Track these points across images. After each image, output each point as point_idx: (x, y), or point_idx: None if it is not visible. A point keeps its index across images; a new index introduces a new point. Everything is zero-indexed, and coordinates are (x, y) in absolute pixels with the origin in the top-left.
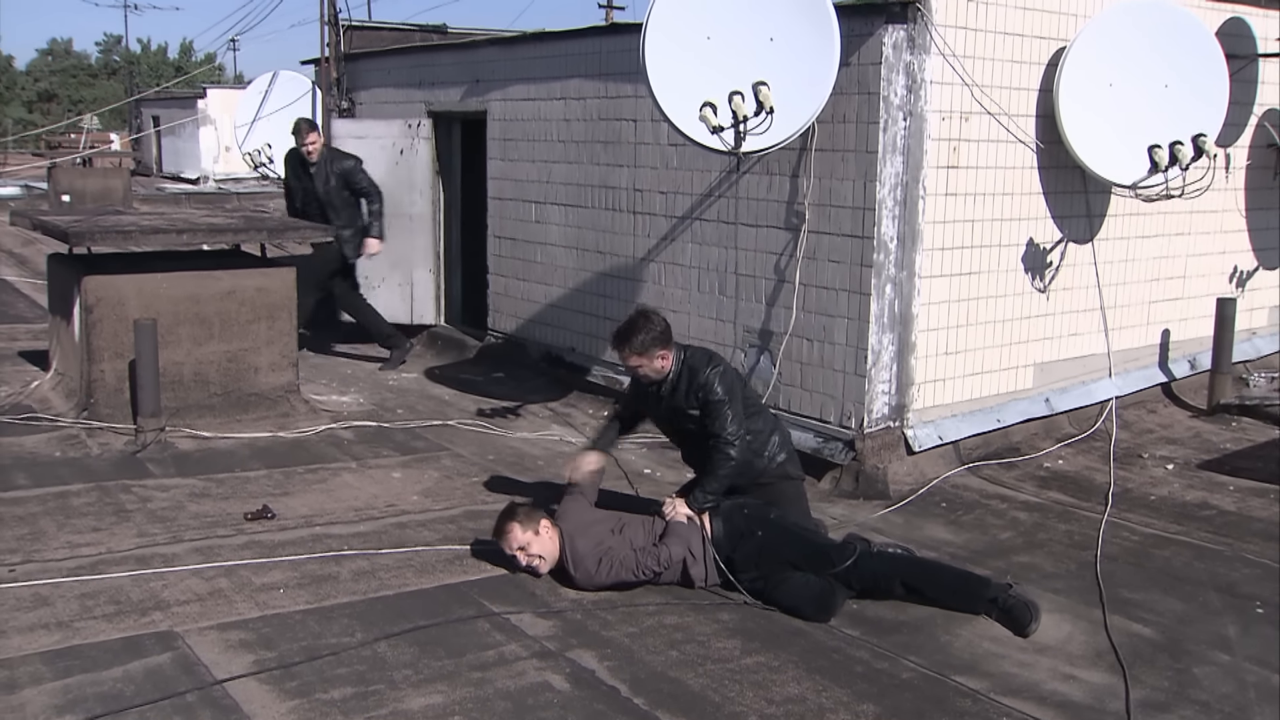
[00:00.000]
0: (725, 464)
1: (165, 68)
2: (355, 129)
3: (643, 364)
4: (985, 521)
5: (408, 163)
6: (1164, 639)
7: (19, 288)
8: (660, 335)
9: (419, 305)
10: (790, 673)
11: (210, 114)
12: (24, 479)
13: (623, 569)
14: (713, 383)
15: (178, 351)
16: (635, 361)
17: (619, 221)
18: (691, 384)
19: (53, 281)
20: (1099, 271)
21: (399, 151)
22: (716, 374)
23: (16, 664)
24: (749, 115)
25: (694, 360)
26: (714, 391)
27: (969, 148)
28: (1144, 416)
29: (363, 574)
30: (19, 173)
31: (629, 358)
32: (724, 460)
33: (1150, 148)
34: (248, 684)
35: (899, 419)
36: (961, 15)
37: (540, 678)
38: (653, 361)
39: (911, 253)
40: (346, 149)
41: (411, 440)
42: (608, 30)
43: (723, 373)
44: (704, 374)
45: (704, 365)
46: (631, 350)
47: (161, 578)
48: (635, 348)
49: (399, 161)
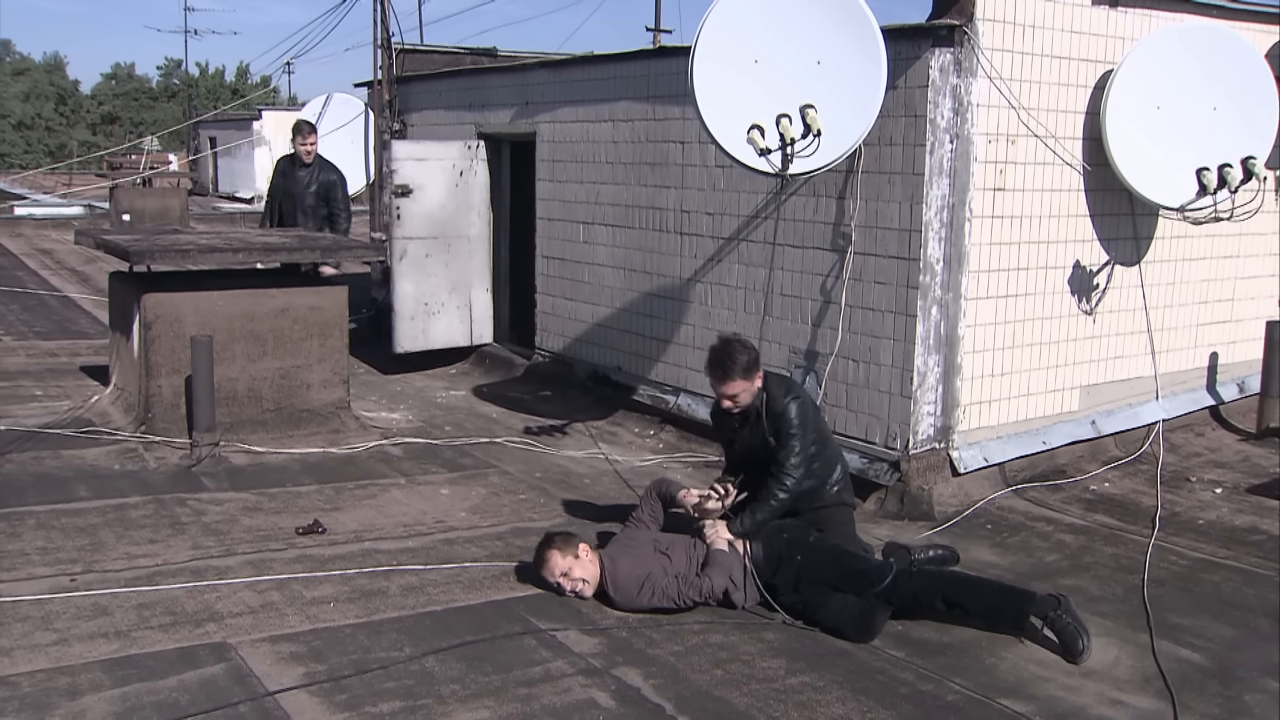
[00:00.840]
0: (780, 495)
1: (222, 90)
2: (415, 150)
3: (746, 389)
4: (1030, 544)
5: (467, 184)
6: (1214, 665)
7: (81, 304)
8: (756, 356)
9: (478, 326)
10: (835, 693)
11: (265, 135)
12: (85, 491)
13: (664, 597)
14: (790, 411)
15: (232, 368)
16: (739, 388)
17: (666, 242)
18: (769, 412)
19: (113, 298)
20: (1146, 294)
21: (459, 173)
22: (795, 402)
23: (78, 671)
24: (796, 138)
25: (772, 387)
26: (790, 421)
27: (1015, 170)
28: (1191, 440)
29: (411, 589)
30: (83, 193)
31: (731, 384)
32: (780, 490)
33: (1198, 170)
34: (298, 696)
35: (944, 440)
36: (1008, 39)
37: (586, 694)
38: (753, 384)
39: (957, 275)
40: (406, 171)
41: (460, 457)
42: (656, 53)
43: (801, 402)
44: (782, 401)
45: (782, 394)
46: (737, 373)
47: (215, 590)
48: (739, 371)
49: (459, 183)
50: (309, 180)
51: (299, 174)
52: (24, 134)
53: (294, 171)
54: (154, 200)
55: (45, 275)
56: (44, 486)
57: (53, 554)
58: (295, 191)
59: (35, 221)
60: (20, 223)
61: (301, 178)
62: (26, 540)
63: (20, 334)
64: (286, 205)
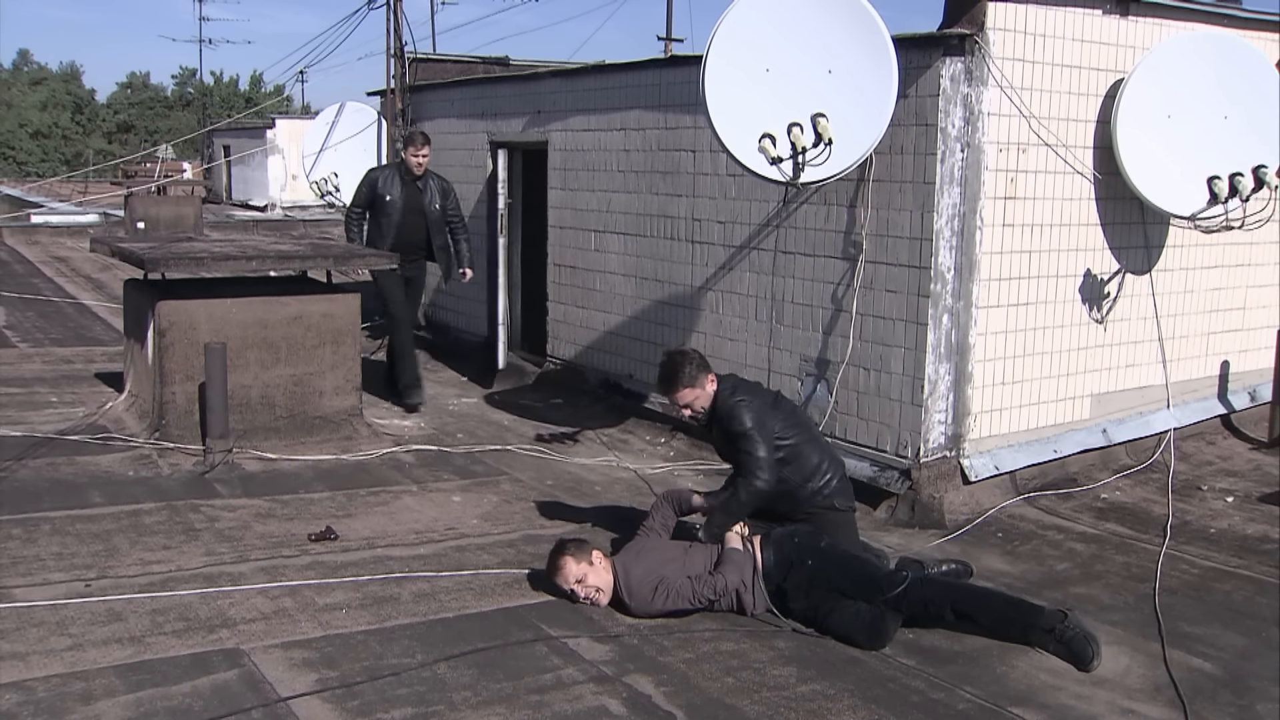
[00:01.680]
0: (742, 497)
1: (236, 99)
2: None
3: (696, 396)
4: (1041, 552)
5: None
6: (1225, 674)
7: (96, 311)
8: (700, 361)
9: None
10: (846, 701)
11: (278, 143)
12: (99, 497)
13: (679, 598)
14: (735, 413)
15: (246, 375)
16: (688, 396)
17: (677, 250)
18: (716, 415)
19: (128, 306)
20: (1157, 302)
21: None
22: (739, 404)
23: (92, 676)
24: (807, 146)
25: (720, 391)
26: (737, 421)
27: (1026, 179)
28: (1203, 448)
29: (423, 596)
30: (99, 201)
31: (679, 394)
32: (743, 492)
33: (1210, 179)
34: (311, 702)
35: (955, 449)
36: (1019, 48)
37: (597, 702)
38: (703, 389)
39: (968, 283)
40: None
41: (471, 464)
42: (667, 62)
43: (745, 402)
44: (727, 404)
45: (727, 395)
46: (683, 383)
47: (228, 596)
48: (684, 381)
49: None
50: (430, 193)
51: (417, 185)
52: (41, 142)
53: (409, 184)
54: (168, 208)
55: (61, 282)
56: (59, 492)
57: (68, 559)
58: (419, 205)
59: (51, 229)
60: (36, 230)
61: (422, 190)
62: (42, 545)
63: (36, 341)
64: (411, 220)
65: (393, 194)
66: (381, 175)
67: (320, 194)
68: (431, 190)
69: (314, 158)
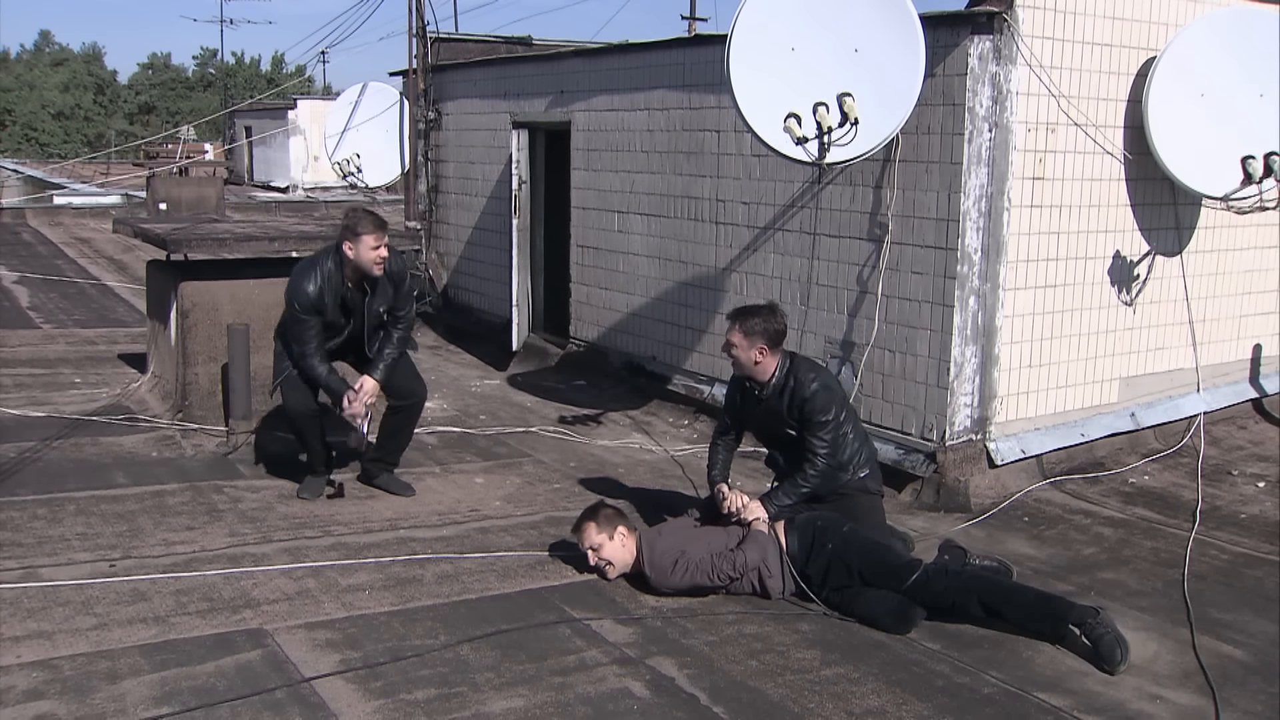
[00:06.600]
0: (811, 476)
1: (258, 80)
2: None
3: (738, 346)
4: (1068, 537)
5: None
6: (1256, 661)
7: (119, 293)
8: (773, 333)
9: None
10: (870, 685)
11: (300, 124)
12: (123, 478)
13: (697, 572)
14: (817, 397)
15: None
16: (735, 339)
17: (701, 231)
18: (795, 395)
19: (151, 287)
20: (1188, 284)
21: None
22: (824, 390)
23: (118, 655)
24: (833, 126)
25: (799, 371)
26: (816, 406)
27: (1055, 159)
28: (1233, 433)
29: (446, 577)
30: (120, 182)
31: (732, 333)
32: (811, 472)
33: (1244, 159)
34: (334, 682)
35: (981, 432)
36: (1049, 26)
37: (620, 684)
38: (749, 351)
39: (995, 265)
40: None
41: (494, 446)
42: (691, 42)
43: (829, 388)
44: (809, 388)
45: (809, 379)
46: (739, 328)
47: (251, 576)
48: (744, 329)
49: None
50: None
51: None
52: (63, 124)
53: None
54: (191, 189)
55: (84, 264)
56: (83, 473)
57: (92, 540)
58: (362, 311)
59: (74, 210)
60: (59, 211)
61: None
62: (67, 526)
63: (60, 322)
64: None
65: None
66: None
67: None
68: (382, 287)
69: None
